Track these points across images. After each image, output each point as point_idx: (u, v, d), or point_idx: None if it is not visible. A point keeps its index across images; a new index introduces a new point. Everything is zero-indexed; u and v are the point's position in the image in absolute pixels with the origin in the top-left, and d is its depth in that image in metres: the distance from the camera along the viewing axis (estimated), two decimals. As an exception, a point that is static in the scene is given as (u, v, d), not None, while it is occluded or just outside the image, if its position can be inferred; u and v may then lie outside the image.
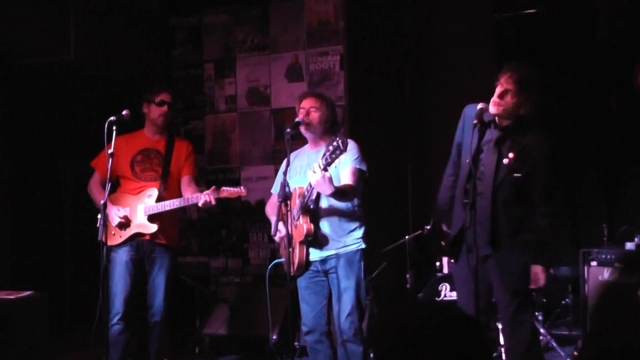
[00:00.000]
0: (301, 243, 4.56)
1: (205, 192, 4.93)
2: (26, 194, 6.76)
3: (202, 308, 6.57)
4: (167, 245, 5.14)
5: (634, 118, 6.34)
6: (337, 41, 6.66)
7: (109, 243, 4.93)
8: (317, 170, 4.21)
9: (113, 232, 5.02)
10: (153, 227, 5.05)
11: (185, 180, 5.23)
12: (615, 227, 5.86)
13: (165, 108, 5.17)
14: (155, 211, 5.04)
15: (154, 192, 5.08)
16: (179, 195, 5.17)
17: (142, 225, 5.05)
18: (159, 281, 5.12)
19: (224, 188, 4.98)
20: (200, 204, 4.94)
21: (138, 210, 5.06)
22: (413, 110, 7.16)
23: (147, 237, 5.07)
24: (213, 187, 4.97)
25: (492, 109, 4.14)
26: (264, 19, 6.97)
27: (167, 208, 5.03)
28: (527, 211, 4.17)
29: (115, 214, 4.99)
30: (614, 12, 6.26)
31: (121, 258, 5.01)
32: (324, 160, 4.17)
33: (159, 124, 5.20)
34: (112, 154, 4.63)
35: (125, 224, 5.02)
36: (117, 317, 4.95)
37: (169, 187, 5.14)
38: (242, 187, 5.01)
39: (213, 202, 4.92)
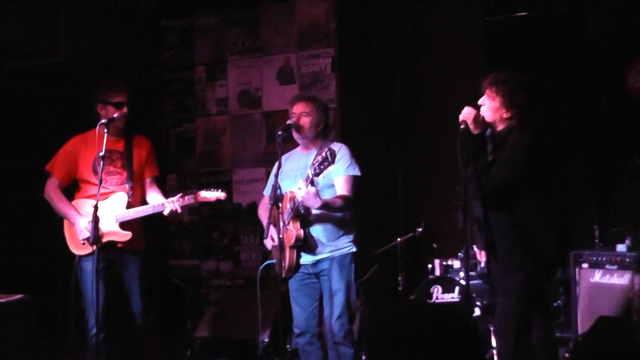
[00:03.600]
0: (291, 247, 4.56)
1: (170, 199, 4.81)
2: (15, 197, 6.74)
3: (194, 311, 6.55)
4: (136, 250, 5.00)
5: (625, 120, 6.36)
6: (329, 44, 6.66)
7: (78, 253, 4.86)
8: (302, 186, 4.22)
9: (82, 242, 4.83)
10: (127, 235, 4.88)
11: (147, 182, 5.09)
12: (606, 229, 5.88)
13: (124, 110, 4.90)
14: (128, 218, 4.87)
15: (123, 198, 4.91)
16: (144, 196, 5.05)
17: (115, 233, 4.88)
18: (133, 286, 4.98)
19: (202, 192, 4.88)
20: (166, 214, 4.83)
21: (108, 218, 4.86)
22: (404, 112, 7.16)
23: (119, 245, 4.91)
24: (179, 194, 4.85)
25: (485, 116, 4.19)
26: (255, 22, 6.97)
27: (139, 215, 4.89)
28: (512, 214, 4.13)
29: (85, 228, 4.77)
30: (603, 15, 6.29)
31: (93, 267, 4.75)
32: (312, 170, 4.18)
33: (119, 126, 4.93)
34: (103, 157, 4.59)
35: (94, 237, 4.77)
36: (96, 327, 4.82)
37: (134, 189, 4.98)
38: (220, 190, 4.90)
39: (179, 210, 4.81)
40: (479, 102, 4.19)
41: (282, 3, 6.85)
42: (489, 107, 4.16)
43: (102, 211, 4.79)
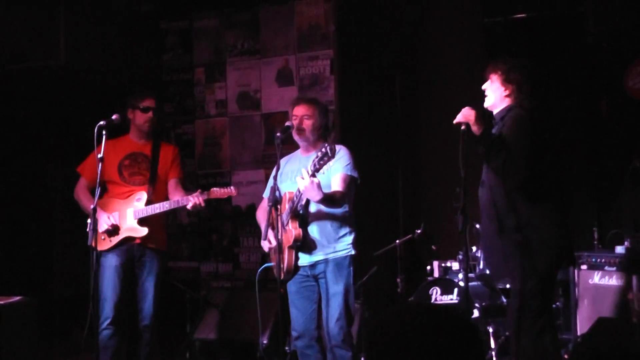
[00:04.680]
0: (290, 248, 4.55)
1: (193, 194, 4.95)
2: (15, 199, 6.74)
3: (193, 313, 6.54)
4: (156, 249, 5.15)
5: (624, 121, 6.36)
6: (328, 45, 6.67)
7: (99, 248, 4.93)
8: (305, 176, 4.21)
9: (103, 237, 5.00)
10: (144, 231, 5.04)
11: (172, 183, 5.23)
12: (605, 230, 5.88)
13: (150, 114, 5.17)
14: (145, 214, 5.03)
15: (143, 196, 5.08)
16: (167, 198, 5.17)
17: (133, 229, 5.05)
18: (148, 285, 5.12)
19: (214, 189, 5.01)
20: (189, 207, 4.96)
21: (127, 214, 5.06)
22: (403, 114, 7.15)
23: (137, 241, 5.07)
24: (199, 190, 5.00)
25: (485, 102, 4.24)
26: (254, 24, 6.97)
27: (157, 211, 5.03)
28: (516, 205, 4.10)
29: (105, 222, 4.97)
30: (602, 17, 6.28)
31: (111, 263, 5.00)
32: (312, 166, 4.17)
33: (145, 129, 5.20)
34: (101, 159, 4.63)
35: (112, 231, 5.01)
36: (107, 322, 4.95)
37: (157, 190, 5.15)
38: (232, 187, 5.04)
39: (202, 204, 4.94)
40: (483, 87, 4.27)
41: (281, 5, 6.86)
42: (490, 89, 4.25)
43: (122, 208, 5.05)
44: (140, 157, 5.20)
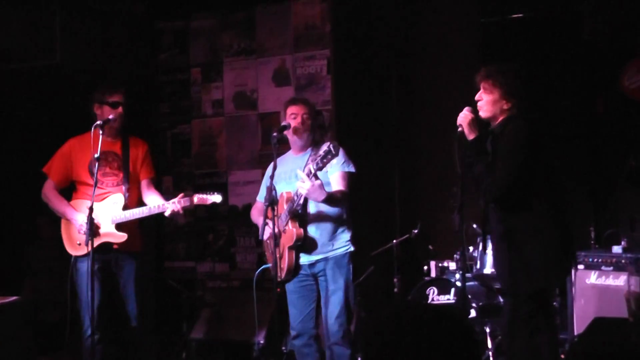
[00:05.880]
0: (290, 248, 4.55)
1: (171, 201, 4.82)
2: (11, 199, 6.72)
3: (189, 313, 6.54)
4: (131, 251, 4.99)
5: (620, 120, 6.36)
6: (324, 45, 6.66)
7: (75, 253, 4.86)
8: (305, 179, 4.21)
9: (79, 243, 4.83)
10: (122, 237, 4.89)
11: (144, 184, 5.08)
12: (601, 230, 5.88)
13: (120, 110, 4.90)
14: (124, 220, 4.87)
15: (120, 199, 4.91)
16: (140, 197, 5.05)
17: (110, 234, 4.89)
18: (129, 288, 4.99)
19: (197, 195, 4.87)
20: (167, 214, 4.85)
21: (104, 219, 4.88)
22: (400, 114, 7.15)
23: (115, 247, 4.92)
24: (181, 194, 4.86)
25: (480, 113, 4.12)
26: (250, 23, 6.96)
27: (136, 216, 4.88)
28: (516, 214, 4.07)
29: (84, 222, 4.68)
30: (598, 15, 6.29)
31: (88, 268, 4.70)
32: (314, 165, 4.16)
33: (116, 127, 4.92)
34: (97, 159, 4.56)
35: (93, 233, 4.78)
36: (91, 328, 4.77)
37: (131, 191, 4.99)
38: (217, 194, 4.87)
39: (181, 212, 4.84)
40: (476, 97, 4.10)
41: (277, 5, 6.85)
42: (488, 100, 4.06)
43: (99, 212, 4.80)
44: (111, 156, 4.97)
